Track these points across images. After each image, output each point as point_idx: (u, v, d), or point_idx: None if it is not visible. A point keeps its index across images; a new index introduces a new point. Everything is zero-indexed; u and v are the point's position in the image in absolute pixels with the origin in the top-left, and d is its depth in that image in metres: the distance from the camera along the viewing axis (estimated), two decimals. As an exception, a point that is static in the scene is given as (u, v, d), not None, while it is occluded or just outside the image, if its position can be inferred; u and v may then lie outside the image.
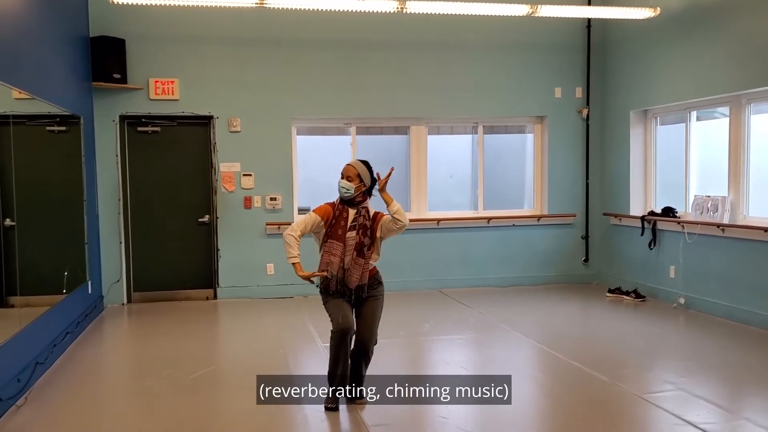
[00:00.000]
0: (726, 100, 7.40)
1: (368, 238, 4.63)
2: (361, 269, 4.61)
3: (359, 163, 4.74)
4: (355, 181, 4.66)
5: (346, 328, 4.59)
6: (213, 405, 4.91)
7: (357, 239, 4.61)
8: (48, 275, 6.52)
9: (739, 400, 5.01)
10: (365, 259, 4.61)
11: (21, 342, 5.18)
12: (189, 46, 8.43)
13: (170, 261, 8.64)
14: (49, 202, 6.65)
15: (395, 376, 5.28)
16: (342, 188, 4.66)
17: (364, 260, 4.61)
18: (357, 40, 8.80)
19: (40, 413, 4.73)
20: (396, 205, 4.60)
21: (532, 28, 9.08)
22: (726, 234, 7.25)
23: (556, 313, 7.82)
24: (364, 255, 4.61)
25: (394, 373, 5.39)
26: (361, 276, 4.62)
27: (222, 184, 8.57)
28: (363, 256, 4.61)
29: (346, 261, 4.60)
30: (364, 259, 4.61)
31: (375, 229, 4.68)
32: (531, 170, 9.67)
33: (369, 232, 4.63)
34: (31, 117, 6.13)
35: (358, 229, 4.63)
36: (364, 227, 4.63)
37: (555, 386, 5.29)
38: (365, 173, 4.71)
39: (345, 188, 4.65)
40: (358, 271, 4.61)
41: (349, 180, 4.66)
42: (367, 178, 4.70)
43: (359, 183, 4.67)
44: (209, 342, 6.87)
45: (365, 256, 4.61)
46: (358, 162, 4.76)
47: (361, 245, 4.61)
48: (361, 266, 4.61)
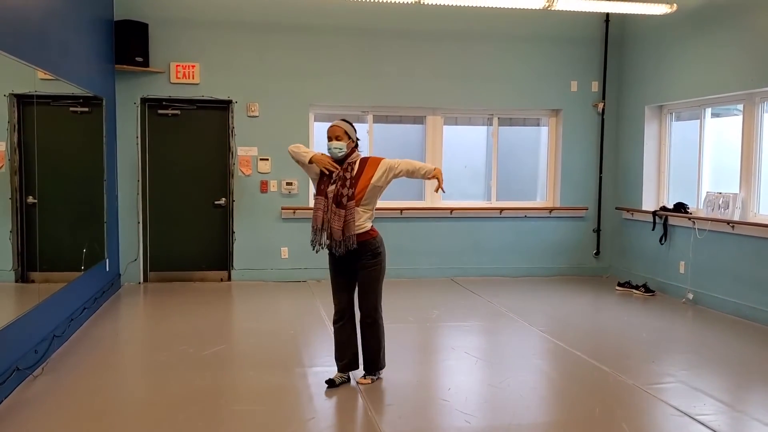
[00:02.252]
0: (740, 98, 7.42)
1: (348, 188, 4.67)
2: (341, 220, 4.64)
3: (344, 122, 4.84)
4: (344, 139, 4.75)
5: (341, 310, 4.86)
6: (224, 380, 5.05)
7: (335, 191, 4.69)
8: (67, 252, 6.69)
9: (738, 395, 5.07)
10: (345, 210, 4.65)
11: (39, 315, 5.35)
12: (210, 31, 8.57)
13: (186, 242, 8.82)
14: (70, 181, 6.80)
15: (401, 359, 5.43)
16: (335, 149, 4.74)
17: (344, 210, 4.65)
18: (376, 29, 8.89)
19: (56, 383, 4.90)
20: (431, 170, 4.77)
21: (550, 20, 9.12)
22: (736, 231, 7.29)
23: (565, 304, 7.90)
24: (343, 205, 4.65)
25: (399, 356, 5.52)
26: (343, 227, 4.65)
27: (239, 167, 8.72)
28: (342, 207, 4.65)
29: (328, 214, 4.70)
30: (344, 210, 4.65)
31: (361, 176, 4.73)
32: (544, 163, 9.73)
33: (349, 182, 4.68)
34: (55, 98, 6.28)
35: (337, 181, 4.71)
36: (343, 179, 4.70)
37: (556, 374, 5.39)
38: (351, 131, 4.83)
39: (338, 148, 4.74)
40: (338, 222, 4.65)
41: (339, 139, 4.75)
42: (353, 133, 4.83)
43: (348, 140, 4.78)
44: (222, 322, 7.03)
45: (345, 206, 4.65)
46: (342, 121, 4.85)
47: (339, 196, 4.67)
48: (342, 216, 4.65)
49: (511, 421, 4.34)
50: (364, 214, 4.75)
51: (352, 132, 4.84)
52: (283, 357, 5.63)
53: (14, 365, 4.70)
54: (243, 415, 4.39)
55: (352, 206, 4.67)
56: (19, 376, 4.78)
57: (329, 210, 4.70)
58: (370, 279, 4.83)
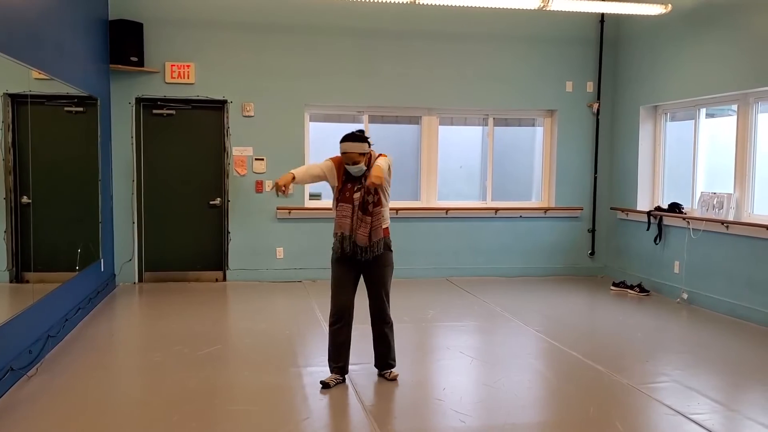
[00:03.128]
0: (734, 98, 7.45)
1: (373, 194, 4.73)
2: (368, 227, 4.73)
3: (355, 144, 4.75)
4: (362, 160, 4.76)
5: (341, 308, 4.83)
6: (218, 381, 5.05)
7: (360, 198, 4.74)
8: (62, 252, 6.67)
9: (732, 394, 5.08)
10: (371, 216, 4.73)
11: (33, 315, 5.35)
12: (205, 31, 8.56)
13: (181, 242, 8.81)
14: (65, 181, 6.79)
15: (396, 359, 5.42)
16: (356, 171, 4.76)
17: (370, 217, 4.73)
18: (372, 29, 8.90)
19: (50, 384, 4.89)
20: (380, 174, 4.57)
21: (546, 21, 9.14)
22: (730, 231, 7.31)
23: (560, 304, 7.91)
24: (369, 212, 4.73)
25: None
26: (369, 233, 4.74)
27: (234, 167, 8.71)
28: (368, 214, 4.73)
29: (354, 220, 4.74)
30: (370, 216, 4.73)
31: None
32: (540, 163, 9.75)
33: (372, 190, 4.71)
34: (50, 97, 6.27)
35: (360, 188, 4.75)
36: (367, 188, 4.73)
37: (551, 374, 5.39)
38: (362, 144, 4.78)
39: (358, 168, 4.75)
40: (365, 229, 4.73)
41: (357, 163, 4.75)
42: (365, 146, 4.79)
43: (364, 156, 4.78)
44: (217, 322, 7.02)
45: (370, 213, 4.73)
46: (353, 144, 4.75)
47: (365, 203, 4.73)
48: (368, 224, 4.73)
49: (506, 421, 4.35)
50: (384, 212, 4.84)
51: (365, 145, 4.80)
52: (278, 357, 5.62)
53: (8, 365, 4.69)
54: (238, 415, 4.39)
55: (379, 211, 4.75)
56: (13, 376, 4.77)
57: (354, 216, 4.75)
58: (381, 277, 4.89)
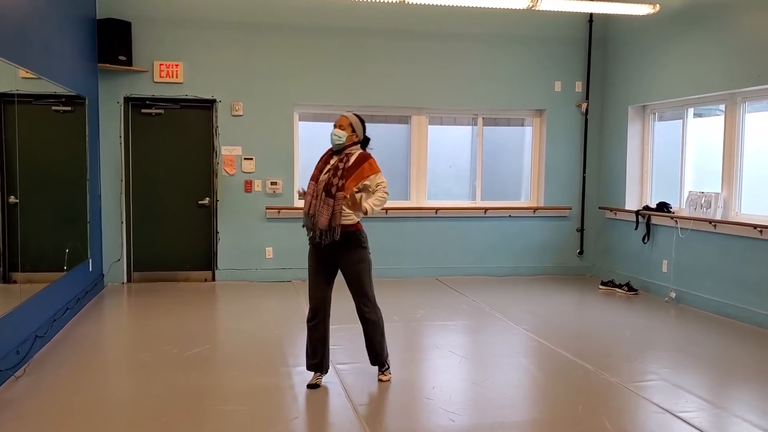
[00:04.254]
0: (721, 98, 7.49)
1: (339, 179, 4.64)
2: (329, 209, 4.59)
3: (353, 115, 4.85)
4: (347, 130, 4.76)
5: (316, 304, 4.78)
6: (208, 381, 5.03)
7: (326, 179, 4.68)
8: (50, 252, 6.63)
9: (719, 392, 5.11)
10: (334, 199, 4.60)
11: (21, 315, 5.31)
12: (194, 30, 8.54)
13: (170, 242, 8.78)
14: (53, 180, 6.75)
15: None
16: (334, 136, 4.75)
17: (332, 200, 4.60)
18: (361, 29, 8.90)
19: (38, 384, 4.86)
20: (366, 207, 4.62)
21: (535, 21, 9.16)
22: (718, 230, 7.35)
23: (548, 303, 7.93)
24: (332, 195, 4.61)
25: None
26: (330, 217, 4.59)
27: (223, 167, 8.69)
28: (331, 196, 4.61)
29: (318, 201, 4.66)
30: (332, 199, 4.60)
31: (352, 171, 4.67)
32: (529, 162, 9.77)
33: (341, 173, 4.65)
34: (37, 96, 6.23)
35: (330, 170, 4.71)
36: (336, 168, 4.68)
37: (540, 372, 5.41)
38: (358, 125, 4.82)
39: (337, 136, 4.74)
40: (326, 211, 4.60)
41: (341, 128, 4.76)
42: (359, 130, 4.81)
43: (351, 133, 4.77)
44: (206, 322, 7.00)
45: (333, 196, 4.60)
46: (352, 114, 4.86)
47: (329, 185, 4.65)
48: (330, 206, 4.59)
49: (495, 420, 4.36)
50: (353, 209, 4.68)
51: (359, 127, 4.83)
52: (267, 357, 5.62)
53: (-4, 366, 4.67)
54: (227, 414, 4.38)
55: (341, 197, 4.61)
56: (0, 377, 4.75)
57: (318, 197, 4.68)
58: (357, 274, 4.79)
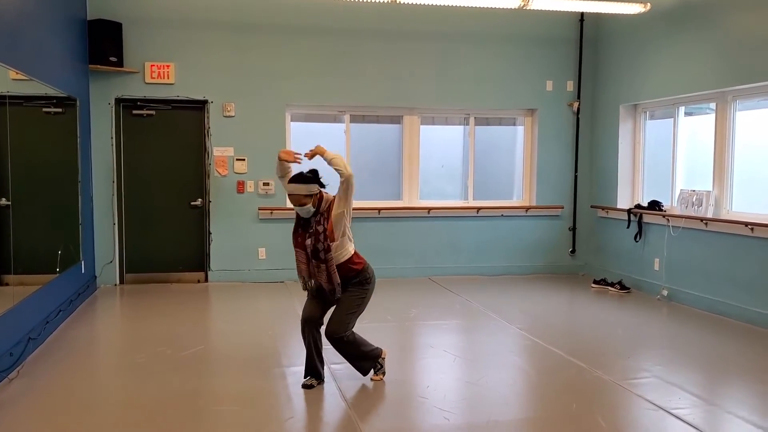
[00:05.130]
0: (712, 96, 7.53)
1: (322, 242, 4.58)
2: (325, 272, 4.63)
3: (300, 186, 4.63)
4: (307, 202, 4.63)
5: (305, 318, 4.80)
6: (202, 381, 5.02)
7: (311, 246, 4.62)
8: (42, 255, 6.60)
9: (712, 389, 5.14)
10: (326, 263, 4.60)
11: (14, 317, 5.29)
12: (185, 30, 8.52)
13: (162, 243, 8.76)
14: (44, 182, 6.72)
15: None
16: (304, 212, 4.65)
17: (325, 264, 4.61)
18: (353, 29, 8.90)
19: (32, 386, 4.85)
20: (330, 153, 4.59)
21: (526, 20, 9.19)
22: (709, 228, 7.39)
23: (541, 302, 7.96)
24: (322, 260, 4.60)
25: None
26: (329, 277, 4.63)
27: (215, 168, 8.68)
28: (321, 260, 4.61)
29: (311, 267, 4.69)
30: (324, 263, 4.61)
31: (329, 216, 4.62)
32: (521, 162, 9.80)
33: (322, 236, 4.58)
34: (28, 98, 6.21)
35: (311, 236, 4.63)
36: (316, 233, 4.60)
37: (532, 370, 5.42)
38: (311, 187, 4.63)
39: (306, 211, 4.64)
40: (324, 276, 4.64)
41: (303, 204, 4.64)
42: (312, 186, 4.64)
43: (312, 197, 4.63)
44: (200, 323, 6.99)
45: (324, 260, 4.60)
46: (298, 185, 4.64)
47: (316, 251, 4.61)
48: (325, 269, 4.62)
49: (489, 418, 4.37)
50: (339, 246, 4.67)
51: (313, 186, 4.65)
52: (261, 357, 5.61)
53: (-12, 368, 4.65)
54: (221, 415, 4.38)
55: (331, 257, 4.61)
56: (-7, 379, 4.73)
57: (311, 264, 4.68)
58: (349, 301, 4.77)
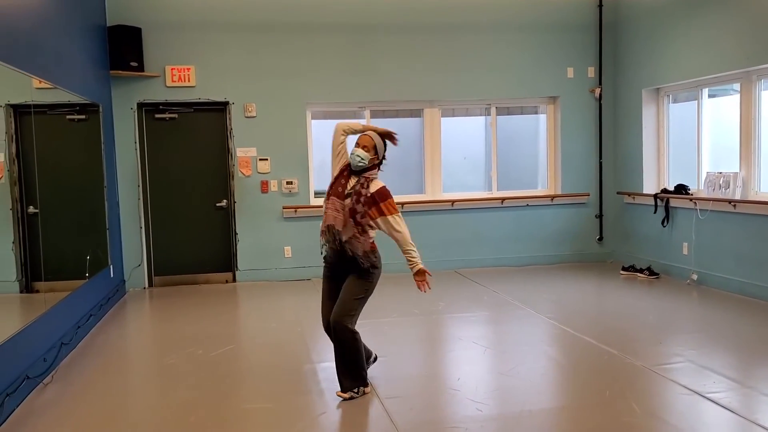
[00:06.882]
0: (737, 76, 7.42)
1: (362, 205, 4.45)
2: (352, 232, 4.45)
3: (377, 136, 4.59)
4: (370, 152, 4.54)
5: (325, 327, 4.78)
6: (233, 380, 5.06)
7: (351, 205, 4.47)
8: (71, 261, 6.67)
9: (747, 371, 5.06)
10: (361, 226, 4.45)
11: (46, 323, 5.36)
12: (204, 33, 8.56)
13: (189, 245, 8.82)
14: (71, 189, 6.80)
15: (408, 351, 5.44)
16: (356, 156, 4.51)
17: (359, 227, 4.45)
18: (369, 24, 8.89)
19: (66, 391, 4.91)
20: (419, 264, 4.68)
21: (544, 8, 9.13)
22: (738, 210, 7.29)
23: (570, 291, 7.90)
24: (358, 222, 4.44)
25: (407, 348, 5.52)
26: (344, 223, 4.45)
27: (239, 168, 8.72)
28: (357, 224, 4.45)
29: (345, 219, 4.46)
30: (360, 227, 4.45)
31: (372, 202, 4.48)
32: (544, 151, 9.73)
33: (363, 199, 4.45)
34: (52, 106, 6.27)
35: (353, 195, 4.48)
36: (359, 194, 4.47)
37: (564, 359, 5.39)
38: (381, 147, 4.60)
39: (360, 157, 4.50)
40: (350, 233, 4.46)
41: (365, 150, 4.53)
42: (381, 152, 4.61)
43: (374, 155, 4.56)
44: (229, 323, 7.03)
45: (359, 224, 4.44)
46: (376, 135, 4.61)
47: (353, 211, 4.45)
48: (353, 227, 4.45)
49: (523, 408, 4.35)
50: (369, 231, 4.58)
51: (381, 149, 4.61)
52: (291, 354, 5.64)
53: (24, 374, 4.71)
54: (254, 413, 4.41)
55: (366, 223, 4.48)
56: (29, 384, 4.79)
57: (345, 218, 4.48)
58: (353, 285, 4.60)
